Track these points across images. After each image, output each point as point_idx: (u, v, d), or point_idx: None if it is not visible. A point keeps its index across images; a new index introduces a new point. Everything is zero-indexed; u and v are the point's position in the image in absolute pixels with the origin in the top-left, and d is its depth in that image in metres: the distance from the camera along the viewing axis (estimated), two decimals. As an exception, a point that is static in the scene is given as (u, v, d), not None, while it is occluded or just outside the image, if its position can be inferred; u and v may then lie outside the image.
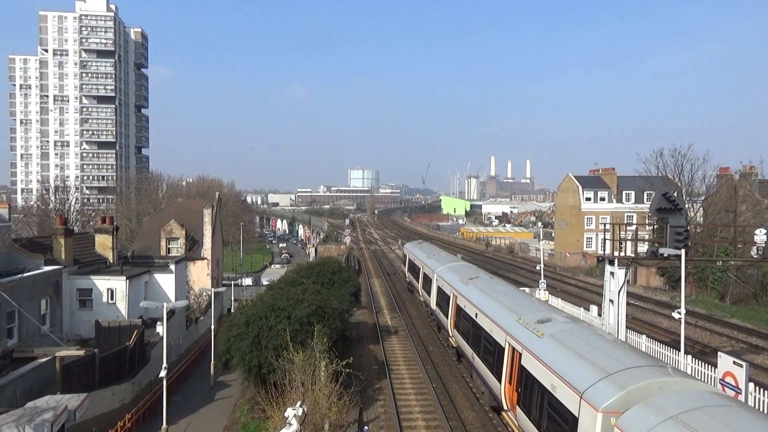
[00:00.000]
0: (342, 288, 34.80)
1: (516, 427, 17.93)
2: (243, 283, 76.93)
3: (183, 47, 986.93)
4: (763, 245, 24.14)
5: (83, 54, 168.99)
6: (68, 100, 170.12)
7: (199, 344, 42.32)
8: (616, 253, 26.74)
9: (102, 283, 35.34)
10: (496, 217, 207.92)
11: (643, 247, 35.40)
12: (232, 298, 55.21)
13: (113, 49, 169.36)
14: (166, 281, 40.41)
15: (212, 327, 35.49)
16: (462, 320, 26.85)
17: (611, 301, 25.01)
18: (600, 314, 30.57)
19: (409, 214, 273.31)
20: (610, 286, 25.09)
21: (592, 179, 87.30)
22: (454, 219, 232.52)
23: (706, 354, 28.82)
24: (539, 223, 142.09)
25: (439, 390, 25.89)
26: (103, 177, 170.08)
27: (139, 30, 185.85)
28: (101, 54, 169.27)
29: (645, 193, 76.07)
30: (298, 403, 19.40)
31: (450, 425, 21.58)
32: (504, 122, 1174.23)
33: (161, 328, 29.89)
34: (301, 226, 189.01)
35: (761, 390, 17.97)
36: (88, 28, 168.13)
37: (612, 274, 24.81)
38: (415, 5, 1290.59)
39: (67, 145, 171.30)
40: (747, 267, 48.27)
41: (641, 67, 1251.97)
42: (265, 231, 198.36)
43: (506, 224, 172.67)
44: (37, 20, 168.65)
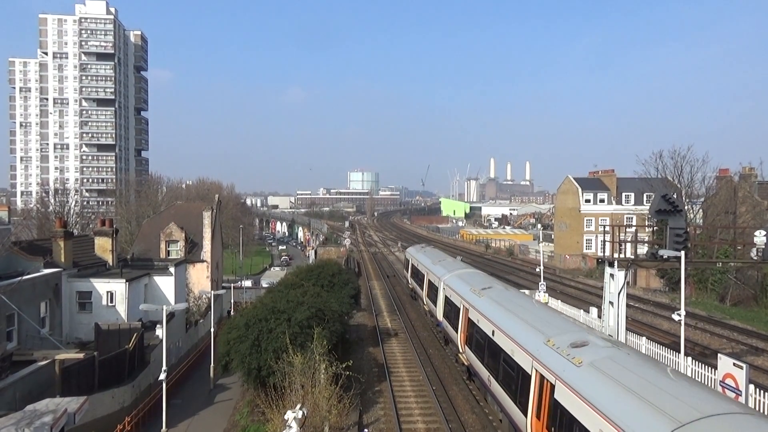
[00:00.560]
0: (342, 290, 34.79)
1: None
2: (243, 285, 76.85)
3: (182, 50, 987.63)
4: (763, 247, 24.17)
5: (83, 57, 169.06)
6: (68, 103, 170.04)
7: (199, 347, 42.30)
8: (616, 255, 26.70)
9: (101, 286, 35.28)
10: (496, 219, 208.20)
11: (643, 249, 35.36)
12: (232, 301, 55.17)
13: (113, 51, 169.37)
14: (165, 284, 40.36)
15: (212, 330, 35.44)
16: (475, 337, 24.11)
17: (611, 303, 25.01)
18: (600, 316, 30.60)
19: (409, 217, 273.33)
20: (609, 288, 25.10)
21: (592, 181, 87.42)
22: (454, 221, 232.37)
23: (706, 356, 28.80)
24: (539, 225, 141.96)
25: (438, 392, 25.88)
26: (103, 180, 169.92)
27: (139, 33, 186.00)
28: (101, 57, 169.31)
29: (644, 195, 76.24)
30: (298, 406, 19.41)
31: (450, 428, 21.58)
32: (503, 124, 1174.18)
33: (161, 331, 29.81)
34: (300, 229, 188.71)
35: (761, 392, 17.98)
36: (88, 31, 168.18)
37: (612, 275, 24.81)
38: (415, 8, 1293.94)
39: (67, 148, 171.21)
40: (747, 268, 48.31)
41: (641, 69, 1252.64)
42: (265, 233, 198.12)
43: (506, 226, 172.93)
44: (36, 23, 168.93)
